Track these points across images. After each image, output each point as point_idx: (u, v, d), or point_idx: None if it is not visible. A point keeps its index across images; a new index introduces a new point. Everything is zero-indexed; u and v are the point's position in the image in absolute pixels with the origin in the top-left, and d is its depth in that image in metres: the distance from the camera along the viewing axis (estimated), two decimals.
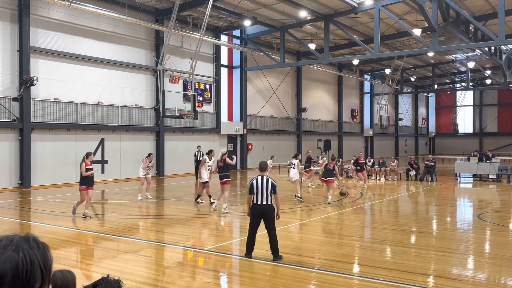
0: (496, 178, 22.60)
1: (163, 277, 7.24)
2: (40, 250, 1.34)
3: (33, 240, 1.35)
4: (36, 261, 1.31)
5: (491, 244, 9.60)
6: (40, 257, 1.32)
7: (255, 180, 7.89)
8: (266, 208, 7.81)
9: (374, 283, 6.59)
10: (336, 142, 40.10)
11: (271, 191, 7.81)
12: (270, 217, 7.85)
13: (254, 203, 7.85)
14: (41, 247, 1.35)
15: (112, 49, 21.92)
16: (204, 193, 14.39)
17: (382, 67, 42.38)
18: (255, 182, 7.87)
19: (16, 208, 14.25)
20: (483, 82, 50.75)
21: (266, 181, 7.84)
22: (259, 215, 7.86)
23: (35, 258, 1.31)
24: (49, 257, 1.37)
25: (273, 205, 7.92)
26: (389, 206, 15.12)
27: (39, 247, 1.34)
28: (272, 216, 7.89)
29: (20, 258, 1.28)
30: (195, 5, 21.92)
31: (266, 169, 8.27)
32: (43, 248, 1.36)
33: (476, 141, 55.62)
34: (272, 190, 7.84)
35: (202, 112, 26.14)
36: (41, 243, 1.36)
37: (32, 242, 1.34)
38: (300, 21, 26.17)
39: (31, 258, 1.30)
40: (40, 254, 1.33)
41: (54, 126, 19.52)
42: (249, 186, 7.94)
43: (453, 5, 21.09)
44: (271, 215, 7.87)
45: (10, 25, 18.29)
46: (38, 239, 1.37)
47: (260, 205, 7.79)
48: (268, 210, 7.82)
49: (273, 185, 7.87)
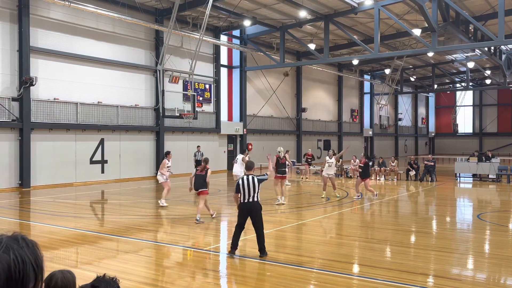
0: (495, 178, 22.60)
1: (163, 277, 7.24)
2: (30, 249, 1.31)
3: (22, 239, 1.32)
4: (28, 261, 1.28)
5: (491, 244, 9.61)
6: (31, 256, 1.30)
7: (241, 180, 8.10)
8: (253, 205, 7.99)
9: (374, 283, 6.60)
10: (336, 142, 40.11)
11: (258, 189, 8.03)
12: (257, 215, 8.03)
13: (241, 202, 8.06)
14: (31, 245, 1.33)
15: (112, 49, 21.91)
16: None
17: (382, 67, 42.39)
18: (241, 181, 8.08)
19: (16, 208, 14.25)
20: (482, 82, 50.76)
21: (252, 180, 8.04)
22: (246, 213, 8.05)
23: (26, 258, 1.28)
24: (40, 255, 1.34)
25: (259, 203, 8.12)
26: (389, 206, 15.11)
27: (28, 246, 1.32)
28: (259, 214, 8.06)
29: (12, 259, 1.25)
30: (195, 5, 21.91)
31: (253, 168, 8.54)
32: (32, 246, 1.33)
33: (476, 141, 55.62)
34: (259, 184, 8.06)
35: (202, 112, 26.14)
36: (30, 242, 1.34)
37: (21, 241, 1.31)
38: (300, 21, 26.17)
39: (23, 258, 1.27)
40: (31, 252, 1.31)
41: (54, 126, 19.52)
42: (236, 185, 8.15)
43: (453, 5, 21.09)
44: (258, 212, 8.05)
45: (9, 25, 18.28)
46: (27, 237, 1.34)
47: (247, 203, 7.99)
48: (255, 208, 8.01)
49: (259, 181, 8.09)
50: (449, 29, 23.02)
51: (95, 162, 21.21)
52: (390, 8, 23.62)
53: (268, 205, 14.87)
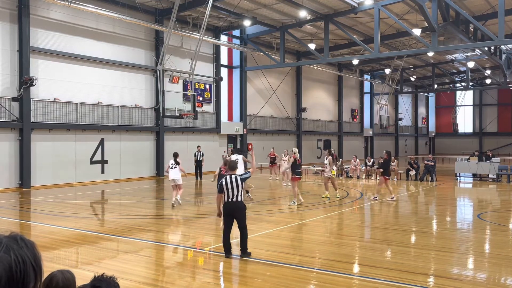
0: (496, 178, 22.60)
1: (163, 277, 7.24)
2: (29, 249, 1.33)
3: (21, 239, 1.33)
4: (28, 260, 1.30)
5: (491, 243, 9.60)
6: (30, 256, 1.31)
7: (224, 180, 8.02)
8: (237, 205, 7.96)
9: (374, 283, 6.59)
10: (336, 142, 40.10)
11: (241, 189, 7.98)
12: (242, 214, 8.01)
13: (225, 201, 8.01)
14: (29, 245, 1.34)
15: (112, 49, 21.91)
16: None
17: (382, 67, 42.39)
18: (224, 181, 8.00)
19: (16, 208, 14.25)
20: (483, 82, 50.74)
21: (235, 179, 7.99)
22: (231, 213, 8.01)
23: (26, 258, 1.29)
24: (38, 255, 1.35)
25: (243, 202, 8.10)
26: (389, 206, 15.11)
27: (27, 246, 1.33)
28: (244, 214, 8.04)
29: (12, 259, 1.26)
30: (195, 5, 21.90)
31: (236, 169, 8.45)
32: (31, 246, 1.34)
33: (476, 141, 55.61)
34: (242, 183, 8.01)
35: (202, 112, 26.13)
36: (29, 241, 1.35)
37: (20, 241, 1.32)
38: (299, 21, 26.16)
39: (23, 258, 1.29)
40: (30, 252, 1.32)
41: (54, 126, 19.52)
42: (219, 185, 8.09)
43: (453, 5, 21.09)
44: (243, 212, 8.04)
45: (9, 25, 18.28)
46: (25, 237, 1.35)
47: (231, 203, 7.96)
48: (238, 207, 7.98)
49: (242, 180, 8.02)
50: (449, 29, 23.02)
51: (95, 162, 21.21)
52: (390, 8, 23.62)
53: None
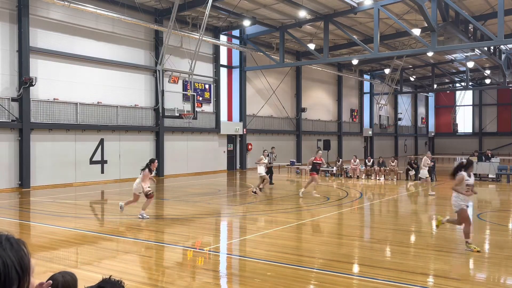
0: (495, 178, 22.61)
1: (162, 277, 7.24)
2: (13, 250, 1.29)
3: (6, 240, 1.31)
4: (10, 263, 1.26)
5: (490, 243, 9.61)
6: (14, 258, 1.28)
7: None
8: None
9: (374, 283, 6.60)
10: (335, 142, 40.11)
11: None
12: None
13: None
14: (15, 246, 1.31)
15: (112, 49, 21.90)
16: None
17: (381, 67, 42.40)
18: None
19: (16, 208, 14.24)
20: (482, 82, 50.77)
21: None
22: None
23: (8, 260, 1.26)
24: (25, 255, 1.32)
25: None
26: (388, 206, 15.12)
27: (13, 246, 1.30)
28: None
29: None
30: (195, 5, 21.91)
31: None
32: (17, 246, 1.31)
33: (476, 141, 55.65)
34: None
35: (202, 112, 26.13)
36: (15, 241, 1.32)
37: (4, 242, 1.30)
38: (299, 21, 26.16)
39: (4, 260, 1.26)
40: (14, 254, 1.29)
41: (54, 126, 19.51)
42: None
43: (453, 5, 21.09)
44: None
45: (9, 25, 18.27)
46: (12, 237, 1.32)
47: None
48: None
49: None
50: (448, 29, 23.03)
51: (95, 162, 21.20)
52: (390, 8, 23.62)
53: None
